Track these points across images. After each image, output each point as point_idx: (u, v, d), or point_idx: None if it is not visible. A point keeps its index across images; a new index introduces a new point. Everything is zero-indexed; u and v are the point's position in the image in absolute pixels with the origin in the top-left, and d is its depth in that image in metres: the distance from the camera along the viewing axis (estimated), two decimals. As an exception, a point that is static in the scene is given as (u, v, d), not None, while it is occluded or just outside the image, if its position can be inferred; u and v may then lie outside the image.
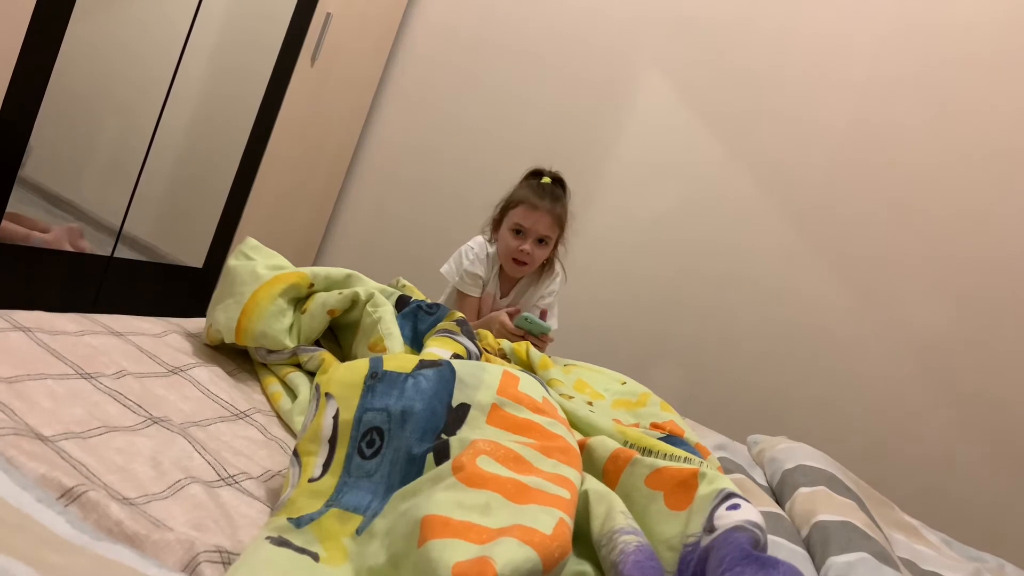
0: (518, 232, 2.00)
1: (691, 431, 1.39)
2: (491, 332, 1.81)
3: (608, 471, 0.95)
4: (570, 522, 0.74)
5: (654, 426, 1.37)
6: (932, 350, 2.36)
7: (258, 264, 1.31)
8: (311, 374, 1.23)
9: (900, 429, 2.37)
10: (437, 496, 0.74)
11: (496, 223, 2.08)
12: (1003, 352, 2.29)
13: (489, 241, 2.11)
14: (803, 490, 1.29)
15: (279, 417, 1.14)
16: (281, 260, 1.37)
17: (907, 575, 1.13)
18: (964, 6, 2.35)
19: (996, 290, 2.30)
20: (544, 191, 2.00)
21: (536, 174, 2.08)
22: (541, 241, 2.00)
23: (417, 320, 1.35)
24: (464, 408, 0.89)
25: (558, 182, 2.07)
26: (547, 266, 2.14)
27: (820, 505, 1.21)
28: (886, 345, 2.40)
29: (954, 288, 2.34)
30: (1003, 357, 2.29)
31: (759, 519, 0.77)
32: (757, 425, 2.14)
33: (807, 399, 2.46)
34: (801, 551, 1.09)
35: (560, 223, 2.02)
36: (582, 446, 1.00)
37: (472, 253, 2.08)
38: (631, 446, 1.14)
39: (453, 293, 2.15)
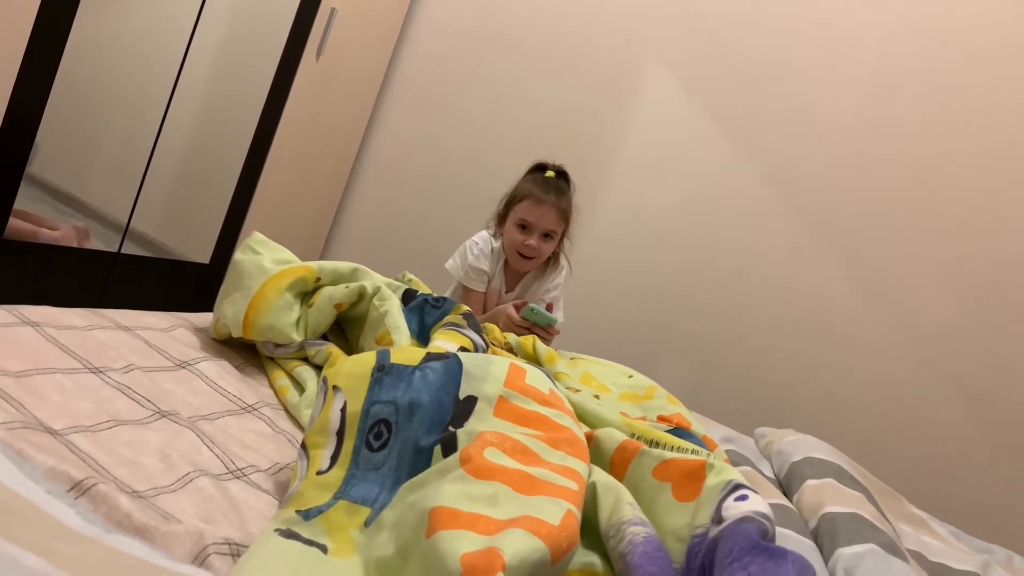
0: (523, 227, 2.00)
1: (698, 424, 1.39)
2: (497, 325, 1.81)
3: (615, 463, 0.95)
4: (578, 513, 0.74)
5: (661, 419, 1.37)
6: (939, 345, 2.35)
7: (265, 258, 1.31)
8: (318, 368, 1.23)
9: (907, 424, 2.37)
10: (445, 488, 0.74)
11: (501, 218, 2.07)
12: (1010, 347, 2.28)
13: (494, 236, 2.11)
14: (810, 482, 1.28)
15: (287, 410, 1.15)
16: (288, 254, 1.37)
17: (915, 567, 1.13)
18: (970, 3, 2.34)
19: (1003, 286, 2.29)
20: (549, 185, 2.00)
21: (540, 168, 2.08)
22: (547, 236, 2.01)
23: (424, 314, 1.36)
24: (471, 400, 0.90)
25: (562, 175, 2.07)
26: (552, 260, 2.14)
27: (828, 497, 1.21)
28: (892, 341, 2.39)
29: (961, 284, 2.33)
30: (1010, 352, 2.28)
31: (767, 510, 0.77)
32: (763, 420, 2.14)
33: (813, 395, 2.46)
34: (809, 543, 1.09)
35: (565, 217, 2.02)
36: (589, 438, 1.00)
37: (476, 248, 2.07)
38: (638, 438, 1.14)
39: (458, 288, 2.15)
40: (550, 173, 2.04)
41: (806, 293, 2.48)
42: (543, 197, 1.97)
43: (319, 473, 0.84)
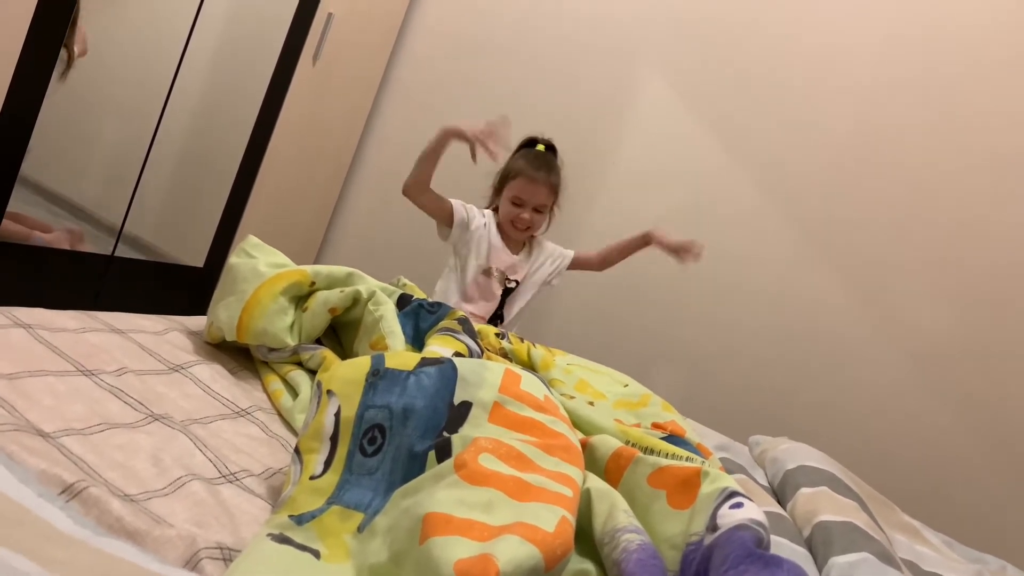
0: (516, 203, 2.13)
1: (692, 431, 1.38)
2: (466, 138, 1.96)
3: (610, 470, 0.94)
4: (572, 520, 0.74)
5: (655, 426, 1.37)
6: (933, 353, 2.35)
7: (259, 262, 1.30)
8: (312, 372, 1.22)
9: (901, 432, 2.37)
10: (439, 494, 0.74)
11: (496, 191, 2.20)
12: (1004, 356, 2.29)
13: (493, 210, 2.23)
14: (805, 490, 1.29)
15: (280, 415, 1.14)
16: (282, 258, 1.36)
17: (909, 576, 1.13)
18: (968, 11, 2.35)
19: (998, 294, 2.30)
20: (540, 162, 2.14)
21: (531, 143, 2.20)
22: (538, 210, 2.14)
23: (419, 319, 1.35)
24: (466, 406, 0.89)
25: (551, 149, 2.21)
26: (543, 231, 2.26)
27: (822, 505, 1.21)
28: (887, 348, 2.40)
29: (956, 292, 2.33)
30: (1004, 360, 2.29)
31: (762, 518, 0.77)
32: (758, 428, 2.13)
33: (808, 402, 2.46)
34: (803, 551, 1.09)
35: (555, 191, 2.16)
36: (584, 445, 0.99)
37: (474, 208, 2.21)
38: (633, 445, 1.13)
39: (448, 277, 2.20)
40: (540, 147, 2.17)
41: (801, 300, 2.49)
42: (535, 175, 2.11)
43: (312, 478, 0.84)
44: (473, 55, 2.91)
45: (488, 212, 2.22)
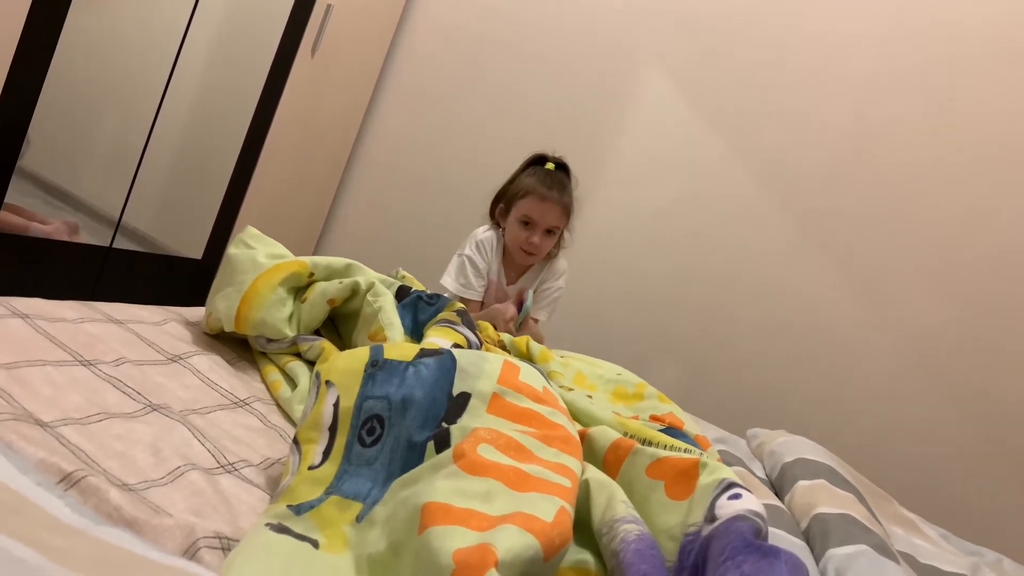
0: (526, 223, 1.98)
1: (691, 422, 1.39)
2: (495, 324, 1.81)
3: (609, 461, 0.95)
4: (571, 510, 0.74)
5: (653, 418, 1.37)
6: (931, 347, 2.36)
7: (258, 253, 1.30)
8: (311, 363, 1.23)
9: (898, 425, 2.37)
10: (438, 484, 0.74)
11: (503, 212, 2.05)
12: (1001, 349, 2.29)
13: (495, 227, 2.09)
14: (802, 483, 1.29)
15: (278, 405, 1.14)
16: (281, 249, 1.36)
17: (906, 568, 1.13)
18: (966, 4, 2.35)
19: (995, 288, 2.30)
20: (552, 181, 1.98)
21: (540, 160, 2.05)
22: (549, 232, 2.00)
23: (417, 310, 1.35)
24: (465, 397, 0.89)
25: (562, 167, 2.05)
26: (553, 250, 2.12)
27: (819, 498, 1.21)
28: (885, 342, 2.40)
29: (954, 286, 2.34)
30: (1001, 354, 2.29)
31: (760, 509, 0.77)
32: (756, 421, 2.14)
33: (806, 396, 2.46)
34: (801, 543, 1.09)
35: (568, 212, 2.02)
36: (582, 436, 1.00)
37: (470, 248, 2.05)
38: (631, 437, 1.14)
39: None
40: (550, 165, 2.02)
41: (799, 294, 2.49)
42: (547, 194, 1.95)
43: (311, 468, 0.84)
44: (472, 48, 2.91)
45: (492, 244, 2.05)
